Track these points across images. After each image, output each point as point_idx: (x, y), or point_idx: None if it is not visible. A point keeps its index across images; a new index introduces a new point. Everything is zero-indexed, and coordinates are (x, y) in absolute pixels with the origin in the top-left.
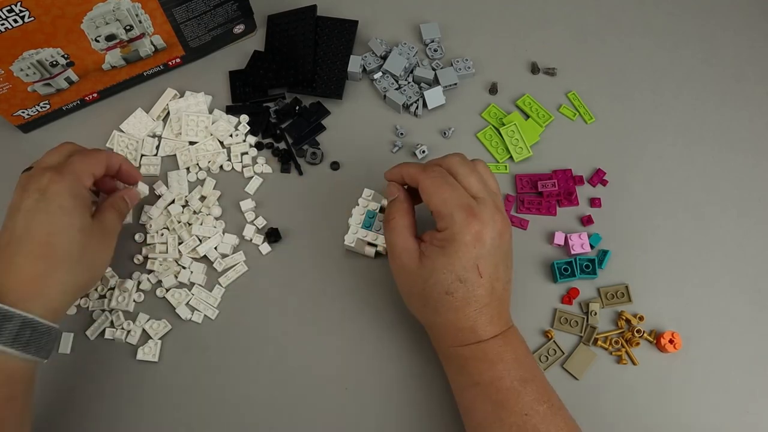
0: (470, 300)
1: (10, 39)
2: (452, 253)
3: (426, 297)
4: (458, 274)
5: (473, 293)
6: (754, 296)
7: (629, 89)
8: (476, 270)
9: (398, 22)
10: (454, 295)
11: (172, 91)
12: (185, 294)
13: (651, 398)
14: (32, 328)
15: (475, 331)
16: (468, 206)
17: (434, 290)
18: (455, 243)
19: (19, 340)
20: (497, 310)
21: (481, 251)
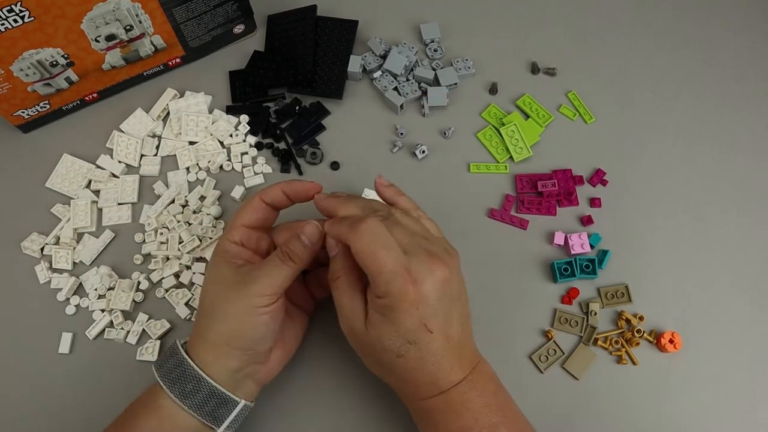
0: (425, 357)
1: (10, 39)
2: (395, 320)
3: (377, 361)
4: (406, 338)
5: (426, 349)
6: (754, 296)
7: (629, 89)
8: (424, 329)
9: (398, 22)
10: (407, 356)
11: (172, 91)
12: (184, 294)
13: (651, 398)
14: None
15: (436, 383)
16: (403, 271)
17: (384, 355)
18: (395, 311)
19: (204, 409)
20: (457, 355)
21: (425, 310)
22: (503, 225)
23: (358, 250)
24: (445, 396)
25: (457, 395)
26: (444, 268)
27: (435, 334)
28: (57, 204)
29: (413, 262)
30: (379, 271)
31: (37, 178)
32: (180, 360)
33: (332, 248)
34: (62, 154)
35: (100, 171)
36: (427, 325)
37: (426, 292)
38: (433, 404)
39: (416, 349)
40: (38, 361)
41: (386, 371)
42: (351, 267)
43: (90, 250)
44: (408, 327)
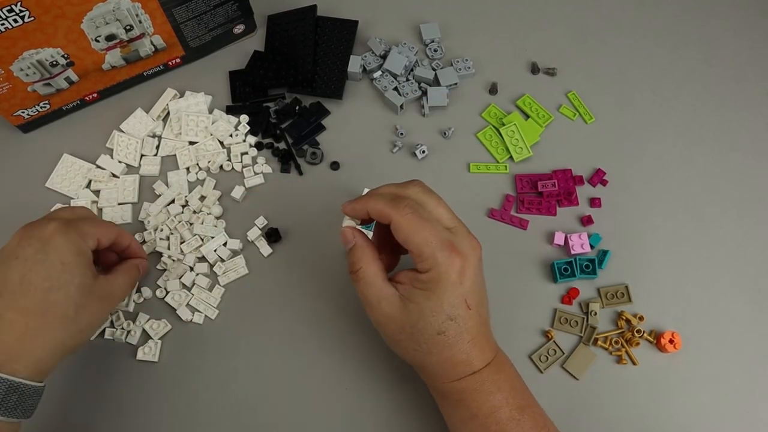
0: (462, 333)
1: (10, 39)
2: (440, 294)
3: (416, 340)
4: (448, 313)
5: (465, 326)
6: (754, 296)
7: (629, 89)
8: (465, 305)
9: (398, 22)
10: (446, 333)
11: (172, 91)
12: (185, 295)
13: (651, 398)
14: (20, 393)
15: (470, 362)
16: (449, 243)
17: (424, 333)
18: (441, 284)
19: (5, 405)
20: (485, 336)
21: (467, 286)
22: (503, 225)
23: (401, 225)
24: (478, 375)
25: (488, 375)
26: (478, 246)
27: (473, 311)
28: (57, 204)
29: (456, 237)
30: (426, 242)
31: (37, 178)
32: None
33: (349, 240)
34: (62, 154)
35: (100, 171)
36: (467, 300)
37: (469, 269)
38: (466, 384)
39: (456, 325)
40: None
41: (423, 352)
42: (371, 257)
43: None
44: (452, 302)
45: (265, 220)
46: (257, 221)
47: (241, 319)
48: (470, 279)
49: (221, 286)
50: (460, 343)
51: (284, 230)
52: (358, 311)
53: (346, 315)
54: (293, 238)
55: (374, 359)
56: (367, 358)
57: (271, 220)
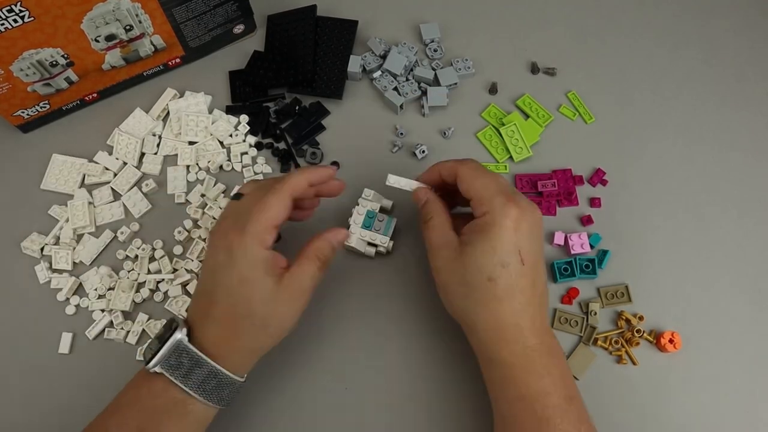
0: (514, 290)
1: (10, 39)
2: (494, 236)
3: (468, 286)
4: (500, 257)
5: (517, 282)
6: (754, 296)
7: (629, 89)
8: (518, 255)
9: (398, 22)
10: (497, 281)
11: (171, 91)
12: (183, 302)
13: (651, 398)
14: (218, 379)
15: (519, 329)
16: (507, 192)
17: (476, 277)
18: (496, 226)
19: (204, 387)
20: (539, 312)
21: (522, 238)
22: None
23: (465, 174)
24: (529, 352)
25: (539, 357)
26: (540, 215)
27: (526, 267)
28: (54, 205)
29: (516, 194)
30: (485, 187)
31: (37, 178)
32: (213, 371)
33: (421, 198)
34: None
35: (94, 165)
36: (521, 252)
37: (525, 221)
38: (516, 359)
39: (507, 274)
40: (38, 361)
41: (473, 301)
42: (441, 208)
43: (90, 250)
44: (505, 247)
45: None
46: None
47: None
48: (526, 234)
49: None
50: (511, 299)
51: (284, 230)
52: (359, 311)
53: (346, 315)
54: (293, 238)
55: (374, 359)
56: (368, 357)
57: None
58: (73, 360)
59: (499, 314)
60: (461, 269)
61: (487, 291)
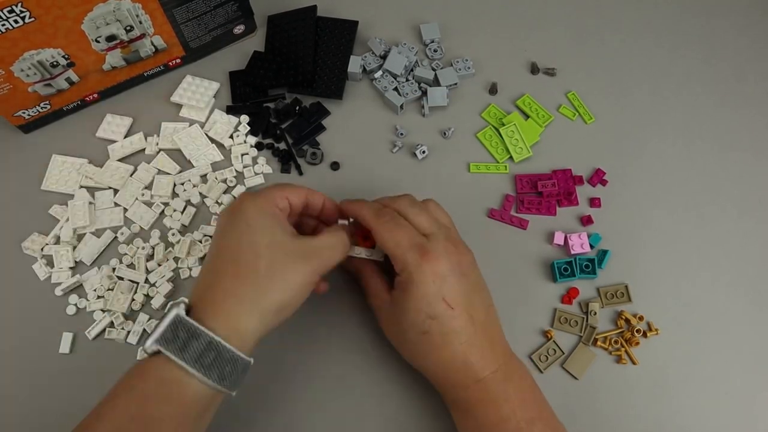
0: (450, 335)
1: (11, 39)
2: (414, 293)
3: (408, 341)
4: (426, 312)
5: (450, 326)
6: (753, 296)
7: (629, 89)
8: (444, 303)
9: (398, 22)
10: (430, 333)
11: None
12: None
13: (651, 398)
14: (217, 351)
15: (469, 367)
16: (419, 245)
17: (411, 332)
18: (413, 283)
19: (201, 361)
20: (488, 342)
21: (443, 285)
22: (503, 225)
23: (378, 231)
24: (482, 385)
25: (494, 385)
26: (460, 252)
27: (456, 310)
28: (54, 205)
29: (431, 242)
30: (397, 245)
31: (37, 178)
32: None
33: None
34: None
35: (92, 167)
36: (446, 299)
37: (442, 267)
38: (471, 394)
39: (438, 324)
40: (39, 360)
41: (419, 354)
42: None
43: (91, 250)
44: (427, 299)
45: None
46: None
47: None
48: (447, 279)
49: None
50: (450, 345)
51: None
52: (359, 311)
53: (346, 315)
54: None
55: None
56: (367, 357)
57: None
58: (73, 360)
59: (443, 360)
60: (397, 327)
61: (426, 343)
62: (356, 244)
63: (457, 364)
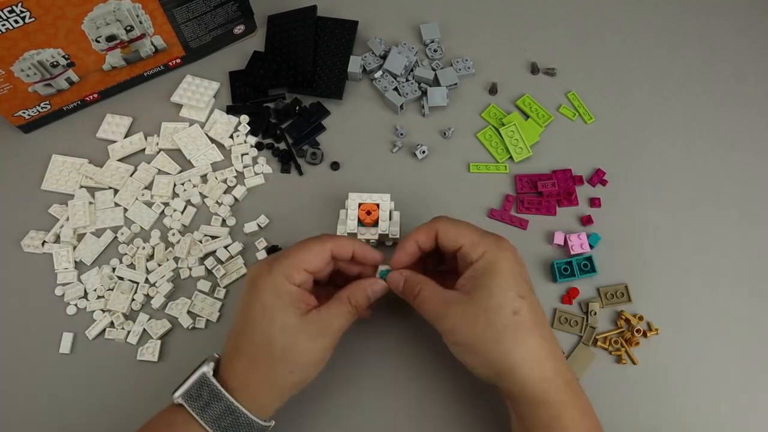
0: (538, 318)
1: (11, 39)
2: (502, 272)
3: (496, 328)
4: (515, 290)
5: (537, 310)
6: (754, 295)
7: (629, 89)
8: (528, 285)
9: (398, 22)
10: (521, 313)
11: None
12: (183, 303)
13: (651, 398)
14: (234, 416)
15: (557, 361)
16: (488, 233)
17: (500, 316)
18: (499, 262)
19: (219, 423)
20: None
21: (523, 268)
22: (503, 225)
23: (447, 227)
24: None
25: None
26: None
27: (535, 296)
28: (54, 205)
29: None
30: (473, 231)
31: (38, 178)
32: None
33: (398, 279)
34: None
35: (92, 167)
36: (527, 282)
37: (516, 252)
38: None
39: (528, 304)
40: (39, 361)
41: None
42: (423, 279)
43: (91, 249)
44: (515, 278)
45: (267, 219)
46: (258, 220)
47: None
48: (522, 264)
49: (222, 287)
50: (541, 329)
51: (283, 230)
52: None
53: None
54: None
55: (374, 359)
56: (368, 357)
57: (271, 220)
58: (73, 360)
59: (535, 347)
60: (482, 315)
61: (518, 325)
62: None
63: (547, 354)
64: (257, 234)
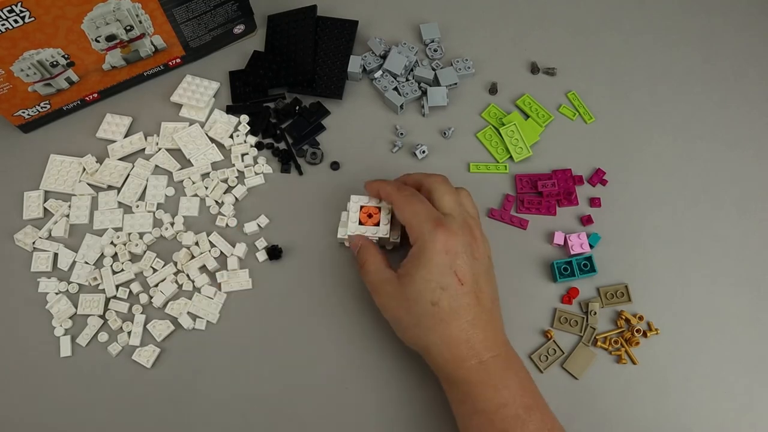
0: (458, 309)
1: (11, 39)
2: (426, 261)
3: (414, 314)
4: (437, 281)
5: (459, 302)
6: (754, 296)
7: (629, 89)
8: (455, 276)
9: (398, 22)
10: (440, 304)
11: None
12: (184, 303)
13: (651, 398)
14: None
15: (471, 346)
16: (436, 218)
17: (419, 304)
18: (426, 252)
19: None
20: (491, 326)
21: (455, 260)
22: (503, 225)
23: (398, 203)
24: (483, 366)
25: (494, 368)
26: (474, 238)
27: (465, 286)
28: (50, 200)
29: (448, 219)
30: (415, 215)
31: (37, 178)
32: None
33: (356, 244)
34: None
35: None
36: (457, 273)
37: (455, 242)
38: (472, 375)
39: (448, 296)
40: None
41: (423, 328)
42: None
43: (90, 250)
44: (439, 269)
45: (267, 219)
46: (258, 220)
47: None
48: (459, 255)
49: (222, 291)
50: (458, 318)
51: (283, 230)
52: (359, 310)
53: (346, 314)
54: (293, 238)
55: (375, 359)
56: (368, 357)
57: (271, 220)
58: (73, 362)
59: (448, 334)
60: (405, 301)
61: (434, 315)
62: (361, 223)
63: (461, 340)
64: (257, 234)
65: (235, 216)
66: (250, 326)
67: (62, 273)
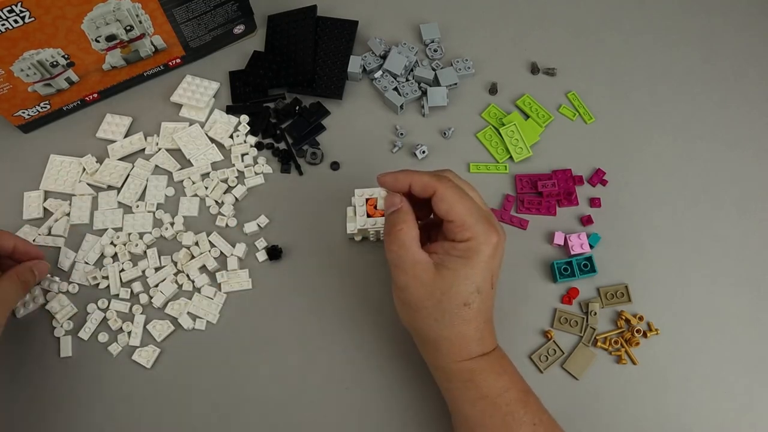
0: (483, 310)
1: (11, 39)
2: (476, 263)
3: (441, 310)
4: (477, 283)
5: (485, 305)
6: (754, 296)
7: (629, 89)
8: (491, 282)
9: (398, 22)
10: (471, 306)
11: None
12: (184, 303)
13: (651, 398)
14: None
15: (482, 342)
16: (487, 218)
17: (452, 302)
18: (479, 254)
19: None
20: (492, 323)
21: (495, 264)
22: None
23: (446, 195)
24: (487, 357)
25: (496, 358)
26: (505, 235)
27: (493, 290)
28: (49, 199)
29: (493, 218)
30: (469, 212)
31: (37, 178)
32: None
33: (395, 202)
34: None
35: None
36: (492, 279)
37: (501, 245)
38: (476, 364)
39: (480, 299)
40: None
41: (444, 323)
42: (413, 221)
43: (91, 250)
44: (483, 274)
45: (267, 219)
46: (258, 220)
47: (241, 320)
48: (499, 259)
49: (222, 291)
50: (478, 319)
51: (283, 230)
52: (359, 310)
53: (346, 314)
54: (293, 238)
55: (375, 359)
56: (368, 357)
57: (271, 220)
58: (74, 361)
59: (465, 332)
60: (437, 292)
61: (461, 314)
62: (367, 215)
63: (475, 339)
64: (257, 234)
65: (235, 216)
66: (250, 326)
67: (62, 273)
